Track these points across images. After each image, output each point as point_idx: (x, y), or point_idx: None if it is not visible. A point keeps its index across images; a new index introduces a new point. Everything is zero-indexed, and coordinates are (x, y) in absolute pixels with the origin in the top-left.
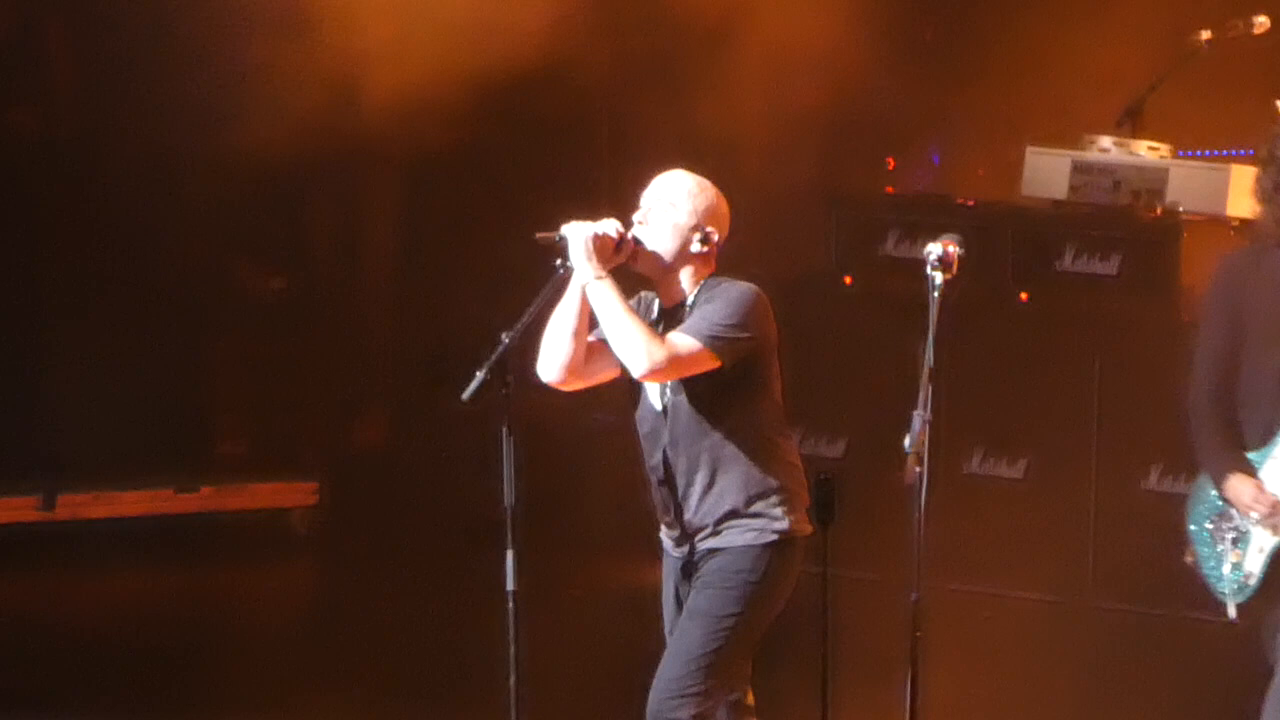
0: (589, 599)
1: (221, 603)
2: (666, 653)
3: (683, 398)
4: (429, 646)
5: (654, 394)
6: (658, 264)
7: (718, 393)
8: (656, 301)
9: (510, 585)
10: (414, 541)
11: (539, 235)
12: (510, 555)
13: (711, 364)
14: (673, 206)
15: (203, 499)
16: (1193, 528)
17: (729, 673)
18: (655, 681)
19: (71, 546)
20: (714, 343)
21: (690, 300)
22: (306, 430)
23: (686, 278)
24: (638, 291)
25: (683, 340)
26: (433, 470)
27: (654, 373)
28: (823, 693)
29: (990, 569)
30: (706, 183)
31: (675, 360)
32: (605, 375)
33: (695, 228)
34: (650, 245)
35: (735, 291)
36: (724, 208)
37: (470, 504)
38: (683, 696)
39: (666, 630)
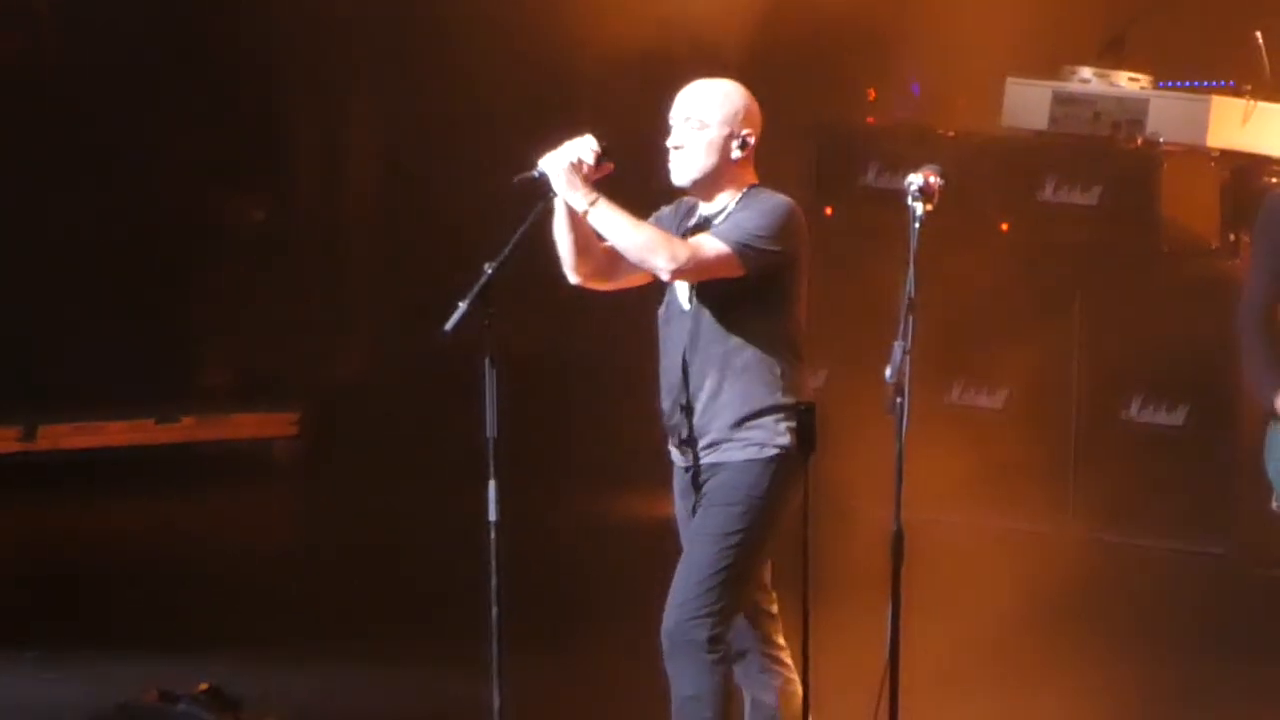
0: (571, 529)
1: (202, 533)
2: (677, 574)
3: (706, 301)
4: (410, 577)
5: (683, 293)
6: (700, 182)
7: (738, 301)
8: (699, 205)
9: (492, 516)
10: (395, 472)
11: (517, 178)
12: (492, 486)
13: (736, 271)
14: (704, 125)
15: (184, 429)
16: (1273, 472)
17: (741, 589)
18: (668, 603)
19: (52, 477)
20: (743, 250)
21: (730, 209)
22: (288, 361)
23: (729, 185)
24: (678, 198)
25: (710, 242)
26: (414, 401)
27: (679, 272)
28: (804, 623)
29: (971, 499)
30: (730, 85)
31: (700, 261)
32: (633, 279)
33: (730, 136)
34: (688, 169)
35: (772, 203)
36: (754, 105)
37: (452, 435)
38: (698, 618)
39: (683, 543)
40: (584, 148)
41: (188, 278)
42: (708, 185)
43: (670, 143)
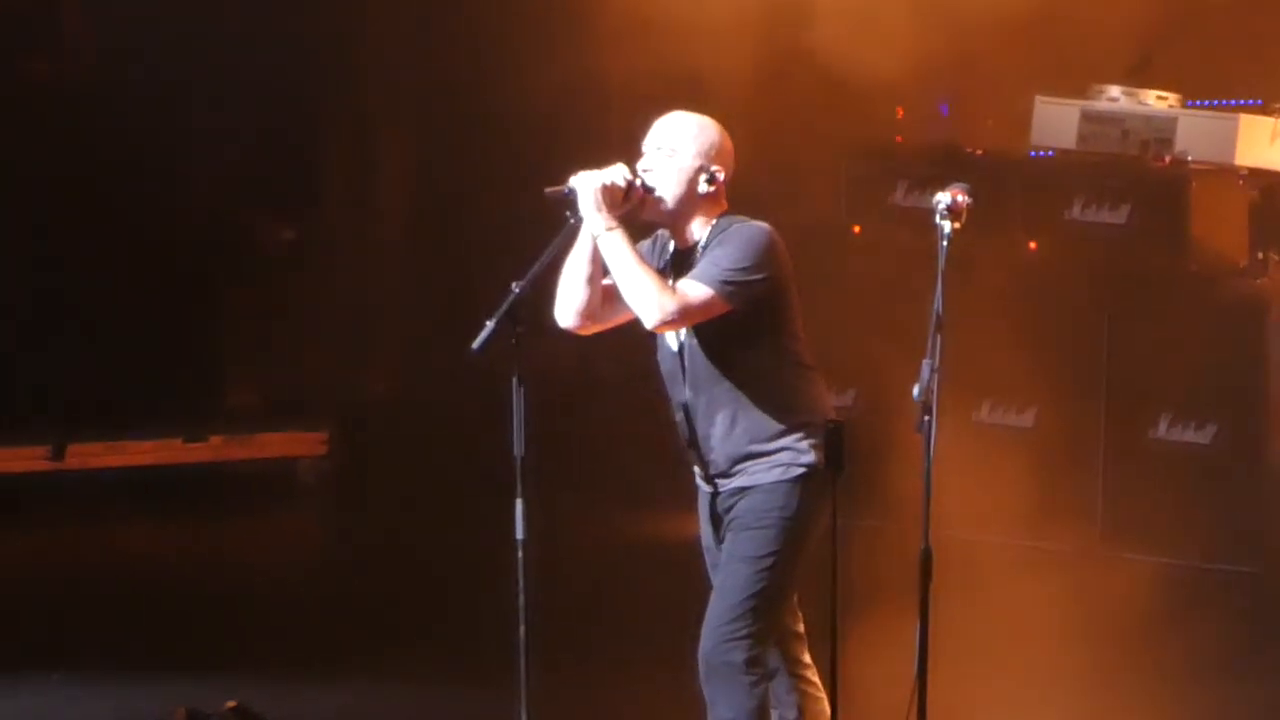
0: (599, 548)
1: (230, 552)
2: (712, 598)
3: (697, 340)
4: (438, 596)
5: (670, 335)
6: (667, 211)
7: (733, 334)
8: (671, 243)
9: (520, 535)
10: (423, 491)
11: (548, 190)
12: (520, 505)
13: (723, 309)
14: (675, 152)
15: (212, 449)
16: None
17: (776, 610)
18: (704, 627)
19: (81, 496)
20: (725, 288)
21: (703, 242)
22: (316, 380)
23: (698, 219)
24: (654, 231)
25: (693, 288)
26: (443, 420)
27: (665, 324)
28: (832, 640)
29: (999, 518)
30: (707, 120)
31: (686, 310)
32: (622, 318)
33: (700, 169)
34: (658, 193)
35: (747, 233)
36: (727, 144)
37: (480, 454)
38: (734, 640)
39: (709, 570)
40: (617, 174)
41: (216, 297)
42: (674, 216)
43: (640, 165)
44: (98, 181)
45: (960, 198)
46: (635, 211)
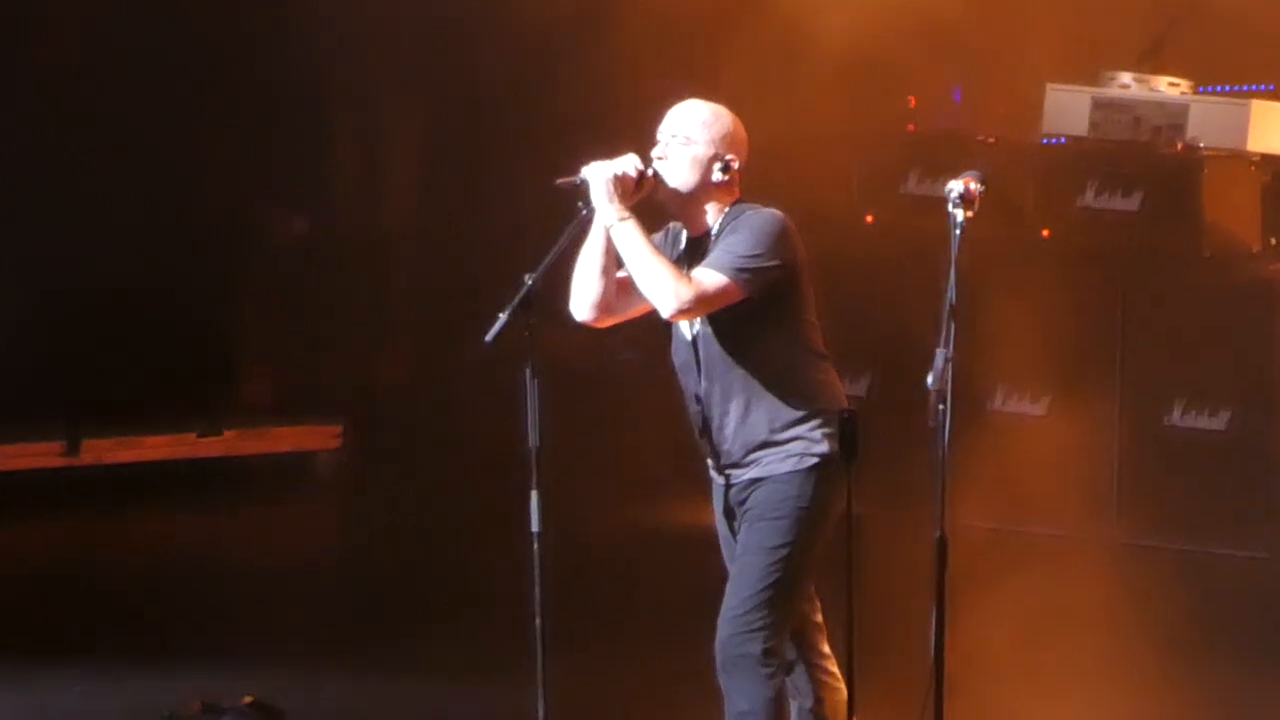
0: (615, 539)
1: (246, 545)
2: (728, 589)
3: (711, 329)
4: (454, 588)
5: (684, 325)
6: (680, 198)
7: (746, 322)
8: (684, 232)
9: (535, 526)
10: (438, 484)
11: (559, 181)
12: (535, 496)
13: (738, 296)
14: (690, 139)
15: (226, 443)
16: None
17: (792, 600)
18: (720, 619)
19: (96, 491)
20: (739, 275)
21: (715, 230)
22: (330, 373)
23: (711, 207)
24: (666, 224)
25: (708, 276)
26: (457, 412)
27: (681, 313)
28: (847, 629)
29: (1014, 506)
30: (722, 109)
31: (702, 298)
32: (638, 310)
33: (715, 158)
34: (671, 180)
35: (759, 220)
36: (741, 133)
37: (495, 445)
38: (750, 632)
39: (727, 562)
40: (629, 164)
41: (229, 290)
42: (687, 204)
43: (654, 153)
44: (109, 175)
45: (973, 186)
46: (649, 196)
